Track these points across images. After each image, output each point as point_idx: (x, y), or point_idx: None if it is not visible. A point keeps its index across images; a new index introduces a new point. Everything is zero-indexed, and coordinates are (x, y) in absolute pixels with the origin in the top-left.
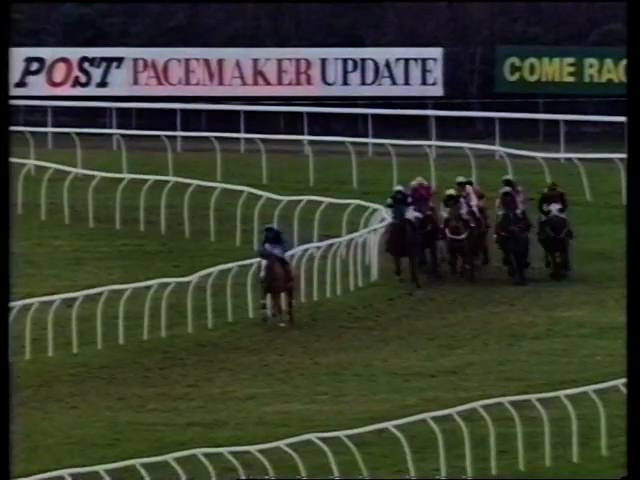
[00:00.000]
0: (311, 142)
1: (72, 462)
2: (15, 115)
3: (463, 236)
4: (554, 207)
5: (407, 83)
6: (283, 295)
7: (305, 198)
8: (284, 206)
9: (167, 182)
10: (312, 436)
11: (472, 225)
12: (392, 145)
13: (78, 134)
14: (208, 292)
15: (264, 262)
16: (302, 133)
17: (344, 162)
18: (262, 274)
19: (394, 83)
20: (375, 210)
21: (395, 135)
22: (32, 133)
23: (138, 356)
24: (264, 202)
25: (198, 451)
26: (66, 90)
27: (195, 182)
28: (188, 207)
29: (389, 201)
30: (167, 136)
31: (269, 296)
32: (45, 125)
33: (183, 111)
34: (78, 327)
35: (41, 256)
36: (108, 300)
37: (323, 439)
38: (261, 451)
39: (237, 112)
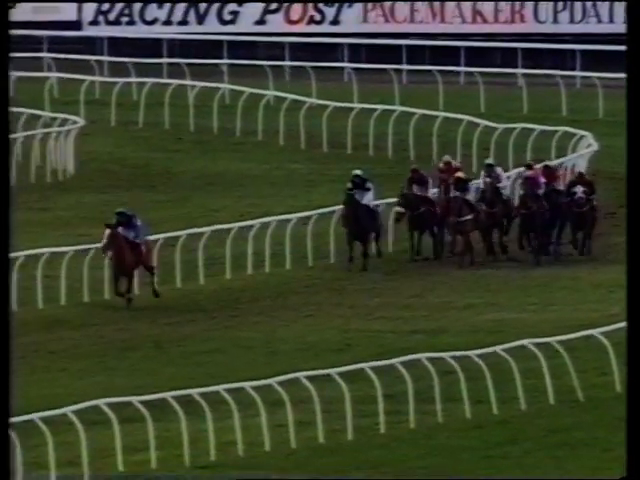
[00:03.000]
0: (524, 75)
1: (306, 366)
2: (256, 50)
3: (466, 218)
4: (579, 189)
5: (612, 21)
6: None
7: (519, 126)
8: (500, 133)
9: (394, 111)
10: (525, 341)
11: (480, 209)
12: (598, 78)
13: (313, 67)
14: None
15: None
16: (516, 67)
17: (554, 93)
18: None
19: (600, 21)
20: (582, 137)
21: (601, 69)
22: (271, 67)
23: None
24: (482, 129)
25: (422, 355)
26: (302, 27)
27: (419, 111)
28: (413, 134)
29: (349, 185)
30: (394, 69)
31: (121, 279)
32: (283, 59)
33: (408, 47)
34: (312, 243)
35: (279, 178)
36: (340, 219)
37: (535, 344)
38: (479, 355)
39: (457, 48)
